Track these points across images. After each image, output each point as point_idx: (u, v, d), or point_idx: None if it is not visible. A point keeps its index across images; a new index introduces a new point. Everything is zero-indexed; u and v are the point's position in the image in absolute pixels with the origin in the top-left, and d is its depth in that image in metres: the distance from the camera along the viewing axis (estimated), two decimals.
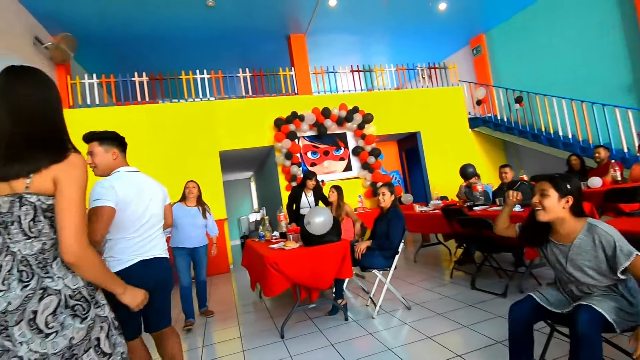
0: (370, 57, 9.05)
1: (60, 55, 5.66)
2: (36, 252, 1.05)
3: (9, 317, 0.99)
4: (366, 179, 7.12)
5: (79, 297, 1.09)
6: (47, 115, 1.11)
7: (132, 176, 1.80)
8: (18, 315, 0.99)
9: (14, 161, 1.02)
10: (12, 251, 1.03)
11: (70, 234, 1.03)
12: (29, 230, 1.04)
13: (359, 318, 3.09)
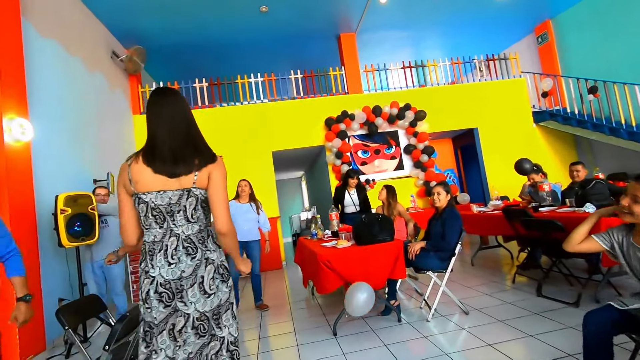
0: (422, 52, 8.76)
1: (132, 66, 6.24)
2: (195, 232, 1.35)
3: (184, 282, 1.30)
4: (419, 177, 6.91)
5: (223, 267, 1.39)
6: (193, 124, 1.40)
7: None
8: (192, 279, 1.30)
9: (179, 162, 1.31)
10: (175, 233, 1.32)
11: (224, 212, 1.35)
12: (191, 217, 1.34)
13: (412, 320, 3.02)
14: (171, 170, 1.30)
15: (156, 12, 5.67)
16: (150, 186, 1.31)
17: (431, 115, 7.03)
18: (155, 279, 1.30)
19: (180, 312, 1.30)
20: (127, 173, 1.33)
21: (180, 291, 1.30)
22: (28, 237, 3.25)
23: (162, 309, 1.30)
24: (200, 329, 1.31)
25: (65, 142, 4.24)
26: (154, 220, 1.32)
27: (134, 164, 1.33)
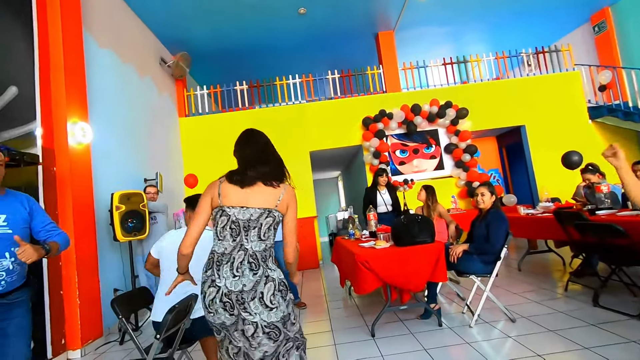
0: (464, 48, 8.43)
1: (179, 71, 6.58)
2: (262, 249, 1.47)
3: (245, 295, 1.40)
4: (460, 178, 6.66)
5: (283, 285, 1.49)
6: (278, 158, 1.63)
7: None
8: (252, 294, 1.41)
9: (262, 182, 1.50)
10: (244, 248, 1.45)
11: (294, 244, 1.55)
12: (263, 235, 1.48)
13: (454, 325, 2.92)
14: (253, 186, 1.49)
15: (200, 19, 5.94)
16: (236, 201, 1.47)
17: (474, 113, 6.75)
18: (220, 289, 1.42)
19: (247, 320, 1.40)
20: (217, 188, 1.50)
21: (242, 303, 1.40)
22: (88, 231, 3.53)
23: (228, 316, 1.42)
24: (272, 335, 1.42)
25: (119, 144, 4.57)
26: (230, 233, 1.46)
27: (224, 181, 1.52)
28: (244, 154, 1.57)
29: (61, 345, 3.16)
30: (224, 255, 1.45)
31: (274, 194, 1.50)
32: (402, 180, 6.64)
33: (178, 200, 6.14)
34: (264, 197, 1.49)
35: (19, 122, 3.08)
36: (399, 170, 6.79)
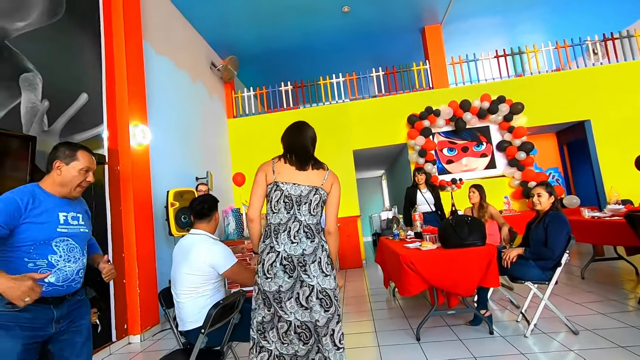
0: (518, 38, 7.89)
1: (227, 74, 6.87)
2: (314, 223, 1.69)
3: (307, 258, 1.61)
4: (514, 177, 6.25)
5: (329, 258, 1.68)
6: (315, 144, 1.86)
7: None
8: (313, 257, 1.62)
9: (311, 164, 1.74)
10: (299, 219, 1.66)
11: (334, 216, 1.75)
12: (312, 210, 1.69)
13: (507, 334, 2.75)
14: (305, 168, 1.72)
15: (247, 23, 6.15)
16: (288, 178, 1.69)
17: (530, 108, 6.29)
18: (280, 254, 1.61)
19: (305, 282, 1.59)
20: (271, 166, 1.73)
21: (304, 265, 1.60)
22: (147, 226, 3.81)
23: (287, 279, 1.59)
24: (324, 302, 1.59)
25: (174, 144, 4.87)
26: (284, 206, 1.66)
27: (278, 161, 1.74)
28: (295, 140, 1.79)
29: (124, 330, 3.44)
30: (280, 225, 1.65)
31: (319, 175, 1.73)
32: (450, 179, 6.37)
33: (227, 197, 6.42)
34: (312, 177, 1.71)
35: (88, 125, 3.40)
36: (447, 169, 6.53)
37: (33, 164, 2.58)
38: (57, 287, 1.45)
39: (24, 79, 2.76)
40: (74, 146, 1.57)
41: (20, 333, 1.33)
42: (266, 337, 1.62)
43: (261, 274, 1.62)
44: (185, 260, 1.95)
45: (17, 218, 1.37)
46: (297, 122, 1.87)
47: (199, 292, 1.94)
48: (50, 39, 3.07)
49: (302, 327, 1.58)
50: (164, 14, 5.05)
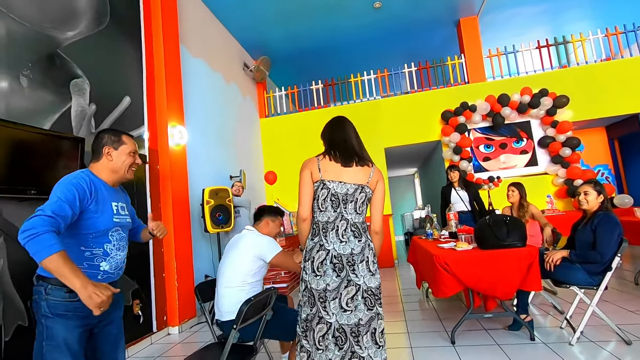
0: (563, 27, 7.41)
1: (259, 75, 7.00)
2: (360, 221, 1.67)
3: (355, 257, 1.60)
4: (558, 175, 5.89)
5: (375, 257, 1.68)
6: (360, 139, 1.78)
7: None
8: (361, 257, 1.61)
9: (355, 161, 1.69)
10: (345, 218, 1.65)
11: (380, 214, 1.73)
12: (358, 209, 1.67)
13: (549, 341, 2.60)
14: (350, 164, 1.67)
15: (279, 22, 6.22)
16: (334, 176, 1.66)
17: (576, 101, 5.90)
18: (330, 252, 1.60)
19: (352, 282, 1.59)
20: (316, 164, 1.69)
21: (352, 264, 1.60)
22: (184, 222, 3.97)
23: (335, 278, 1.58)
24: (368, 301, 1.59)
25: (209, 144, 5.04)
26: (331, 204, 1.65)
27: (323, 158, 1.70)
28: (336, 136, 1.75)
29: (163, 321, 3.61)
30: (328, 224, 1.64)
31: (365, 172, 1.68)
32: (487, 177, 6.12)
33: (259, 195, 6.56)
34: (357, 175, 1.67)
35: (130, 127, 3.59)
36: (483, 166, 6.27)
37: (82, 163, 2.76)
38: (110, 274, 1.52)
39: (74, 84, 2.96)
40: (117, 131, 1.64)
41: (76, 322, 1.39)
42: (307, 337, 1.60)
43: (310, 271, 1.62)
44: (234, 249, 2.16)
45: (83, 204, 1.41)
46: (337, 117, 1.84)
47: (239, 285, 2.07)
48: (96, 47, 3.28)
49: (340, 331, 1.56)
50: (199, 18, 5.23)
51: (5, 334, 2.19)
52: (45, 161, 2.50)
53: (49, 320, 1.36)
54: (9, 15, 2.47)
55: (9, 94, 2.41)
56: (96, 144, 1.58)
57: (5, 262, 2.25)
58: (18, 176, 2.30)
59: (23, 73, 2.53)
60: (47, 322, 1.36)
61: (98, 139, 1.59)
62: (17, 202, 2.35)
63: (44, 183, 2.45)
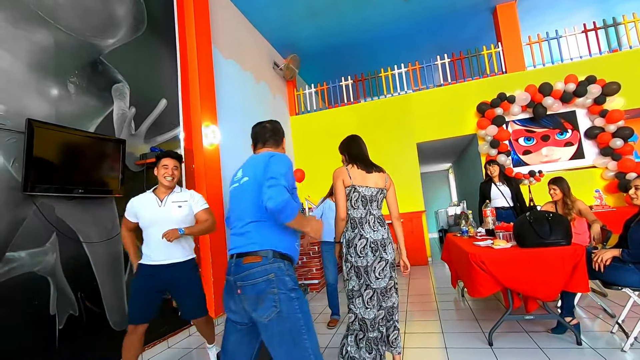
0: (612, 8, 6.84)
1: (289, 73, 7.06)
2: (380, 215, 2.20)
3: (386, 240, 2.15)
4: (608, 168, 5.47)
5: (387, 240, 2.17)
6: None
7: None
8: (388, 240, 2.16)
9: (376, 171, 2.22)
10: (372, 214, 2.16)
11: (397, 206, 2.29)
12: (379, 206, 2.20)
13: (598, 346, 2.43)
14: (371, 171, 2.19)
15: (308, 20, 6.23)
16: (361, 182, 2.15)
17: (628, 88, 5.43)
18: (368, 239, 2.11)
19: (384, 258, 2.12)
20: (347, 173, 2.16)
21: (384, 246, 2.13)
22: (218, 219, 4.08)
23: (372, 257, 2.10)
24: (391, 269, 2.16)
25: (241, 143, 5.15)
26: (361, 204, 2.14)
27: (351, 167, 2.18)
28: (356, 150, 2.28)
29: None
30: (361, 219, 2.13)
31: (382, 177, 2.21)
32: (528, 172, 5.80)
33: None
34: (377, 180, 2.18)
35: (167, 128, 3.75)
36: (523, 160, 5.95)
37: (124, 164, 2.92)
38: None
39: (115, 89, 3.13)
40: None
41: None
42: (353, 303, 2.13)
43: (354, 254, 2.11)
44: None
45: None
46: (352, 136, 2.36)
47: None
48: (135, 52, 3.44)
49: (379, 293, 2.11)
50: (230, 20, 5.35)
51: (59, 323, 2.37)
52: (91, 162, 2.67)
53: (296, 292, 1.42)
54: (56, 26, 2.65)
55: (58, 100, 2.59)
56: (278, 133, 1.83)
57: (58, 256, 2.43)
58: (67, 176, 2.47)
59: (70, 80, 2.71)
60: (297, 294, 1.42)
61: (277, 128, 1.85)
62: (67, 200, 2.53)
63: (89, 183, 2.62)
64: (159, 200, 2.35)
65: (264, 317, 1.35)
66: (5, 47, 2.29)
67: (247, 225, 1.47)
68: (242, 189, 1.53)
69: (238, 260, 1.44)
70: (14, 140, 2.24)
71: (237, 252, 1.46)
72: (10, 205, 2.19)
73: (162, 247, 2.26)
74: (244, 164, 1.63)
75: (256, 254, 1.41)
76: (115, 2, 3.25)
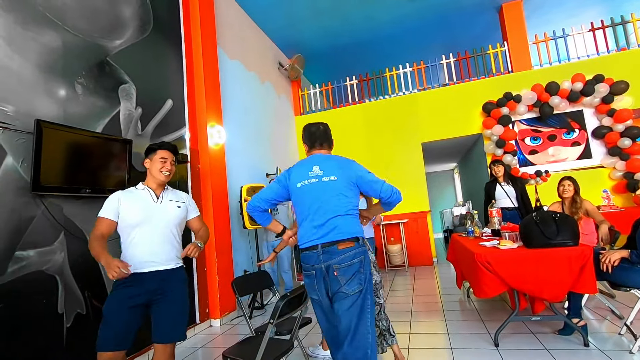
0: (620, 6, 6.77)
1: (294, 73, 7.07)
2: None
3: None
4: (615, 168, 5.41)
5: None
6: None
7: None
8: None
9: None
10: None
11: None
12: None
13: (606, 348, 2.40)
14: None
15: (313, 19, 6.24)
16: None
17: (636, 87, 5.37)
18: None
19: None
20: None
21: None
22: (223, 218, 4.12)
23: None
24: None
25: (247, 143, 5.18)
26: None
27: None
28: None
29: (206, 313, 3.78)
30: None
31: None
32: (534, 172, 5.76)
33: None
34: None
35: (173, 128, 3.77)
36: (530, 160, 5.90)
37: (130, 163, 2.95)
38: None
39: (122, 89, 3.16)
40: None
41: None
42: (378, 295, 2.26)
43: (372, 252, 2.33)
44: None
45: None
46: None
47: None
48: (141, 53, 3.47)
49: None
50: (236, 21, 5.37)
51: (67, 321, 2.39)
52: (98, 162, 2.70)
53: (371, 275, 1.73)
54: (64, 28, 2.68)
55: (66, 101, 2.62)
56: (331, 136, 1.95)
57: (66, 256, 2.46)
58: (75, 176, 2.50)
59: (78, 81, 2.74)
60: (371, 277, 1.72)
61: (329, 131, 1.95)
62: (74, 200, 2.56)
63: (97, 183, 2.64)
64: (154, 195, 1.98)
65: (350, 291, 1.60)
66: (15, 48, 2.32)
67: (335, 218, 1.66)
68: (326, 186, 1.70)
69: (331, 248, 1.63)
70: (23, 140, 2.27)
71: (326, 240, 1.64)
72: (20, 205, 2.22)
73: (155, 250, 1.88)
74: (318, 162, 1.77)
75: (349, 240, 1.65)
76: (122, 4, 3.28)
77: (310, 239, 1.67)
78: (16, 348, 2.08)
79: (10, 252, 2.14)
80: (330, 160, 1.77)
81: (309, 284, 1.69)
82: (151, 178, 2.01)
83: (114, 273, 1.64)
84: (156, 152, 2.00)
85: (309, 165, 1.76)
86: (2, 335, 2.02)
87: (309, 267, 1.67)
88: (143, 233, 1.88)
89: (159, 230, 1.91)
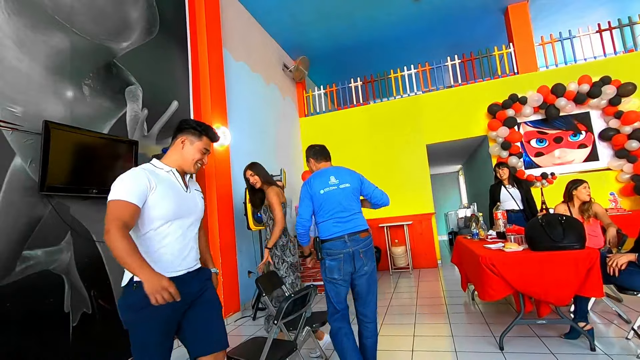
0: (627, 7, 6.71)
1: (299, 75, 7.09)
2: None
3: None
4: (623, 170, 5.35)
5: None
6: None
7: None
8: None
9: None
10: None
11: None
12: None
13: (612, 352, 2.38)
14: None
15: (317, 21, 6.25)
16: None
17: None
18: None
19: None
20: None
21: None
22: (228, 219, 4.13)
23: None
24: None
25: (251, 144, 5.19)
26: None
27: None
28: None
29: None
30: None
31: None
32: (540, 174, 5.72)
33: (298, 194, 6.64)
34: None
35: None
36: (535, 162, 5.86)
37: (136, 164, 2.97)
38: None
39: (128, 91, 3.19)
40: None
41: None
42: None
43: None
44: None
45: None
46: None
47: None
48: (148, 55, 3.50)
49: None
50: (241, 23, 5.40)
51: (73, 320, 2.42)
52: (105, 163, 2.72)
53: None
54: (72, 30, 2.71)
55: (74, 102, 2.65)
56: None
57: (72, 255, 2.49)
58: (82, 177, 2.52)
59: (85, 82, 2.77)
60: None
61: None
62: (81, 200, 2.58)
63: (103, 183, 2.67)
64: (182, 182, 1.56)
65: (369, 270, 2.10)
66: (25, 50, 2.36)
67: (355, 214, 2.17)
68: (345, 192, 2.17)
69: (355, 236, 2.09)
70: (31, 141, 2.30)
71: (351, 231, 2.10)
72: (28, 205, 2.25)
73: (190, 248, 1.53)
74: (333, 173, 2.25)
75: (366, 230, 2.15)
76: (129, 6, 3.31)
77: (336, 231, 2.10)
78: (23, 346, 2.10)
79: (18, 251, 2.16)
80: (342, 171, 2.27)
81: (335, 265, 2.05)
82: (179, 161, 1.54)
83: (160, 298, 1.16)
84: (201, 138, 1.55)
85: (326, 176, 2.23)
86: (10, 333, 2.05)
87: (337, 252, 2.06)
88: (176, 229, 1.47)
89: (193, 226, 1.56)
